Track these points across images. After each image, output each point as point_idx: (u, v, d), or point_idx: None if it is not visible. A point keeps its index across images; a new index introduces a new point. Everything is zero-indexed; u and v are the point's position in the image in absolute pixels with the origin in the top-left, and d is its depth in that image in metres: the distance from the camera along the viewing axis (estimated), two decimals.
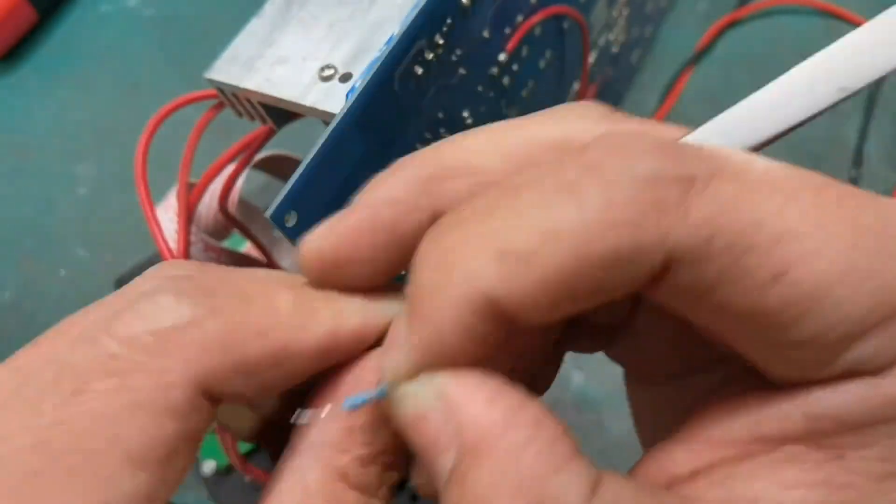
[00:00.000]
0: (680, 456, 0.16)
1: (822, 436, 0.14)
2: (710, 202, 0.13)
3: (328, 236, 0.17)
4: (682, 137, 0.16)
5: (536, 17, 0.32)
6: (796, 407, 0.14)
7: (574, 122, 0.17)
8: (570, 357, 0.22)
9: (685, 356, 0.18)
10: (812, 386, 0.14)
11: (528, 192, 0.14)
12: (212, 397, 0.15)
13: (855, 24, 0.57)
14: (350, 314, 0.17)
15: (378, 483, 0.17)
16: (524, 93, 0.35)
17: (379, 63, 0.23)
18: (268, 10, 0.28)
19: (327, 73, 0.25)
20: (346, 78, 0.25)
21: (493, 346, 0.15)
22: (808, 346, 0.14)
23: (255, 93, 0.25)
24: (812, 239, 0.13)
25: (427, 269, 0.14)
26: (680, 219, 0.13)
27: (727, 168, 0.14)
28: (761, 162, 0.14)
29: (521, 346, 0.19)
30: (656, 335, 0.19)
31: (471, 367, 0.14)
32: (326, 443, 0.17)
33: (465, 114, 0.30)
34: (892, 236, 0.14)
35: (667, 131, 0.17)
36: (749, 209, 0.13)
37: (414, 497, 0.40)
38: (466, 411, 0.14)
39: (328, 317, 0.17)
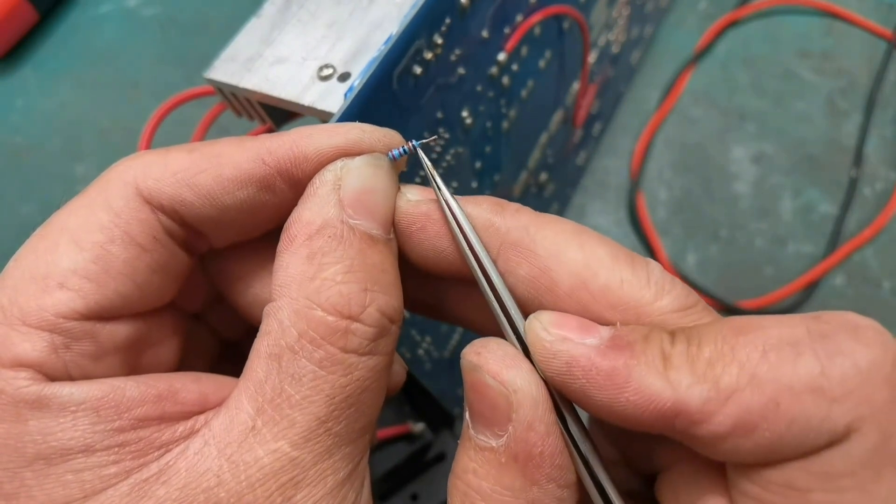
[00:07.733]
0: None
1: None
2: None
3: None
4: None
5: (536, 17, 0.32)
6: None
7: None
8: None
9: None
10: None
11: None
12: (151, 202, 0.18)
13: (855, 24, 0.57)
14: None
15: (361, 302, 0.17)
16: (524, 93, 0.35)
17: (377, 62, 0.23)
18: (267, 9, 0.28)
19: (326, 72, 0.25)
20: (344, 77, 0.25)
21: None
22: None
23: (254, 92, 0.25)
24: None
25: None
26: None
27: None
28: None
29: None
30: None
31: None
32: (291, 277, 0.17)
33: (465, 113, 0.30)
34: None
35: None
36: None
37: (414, 496, 0.40)
38: None
39: (256, 143, 0.19)
